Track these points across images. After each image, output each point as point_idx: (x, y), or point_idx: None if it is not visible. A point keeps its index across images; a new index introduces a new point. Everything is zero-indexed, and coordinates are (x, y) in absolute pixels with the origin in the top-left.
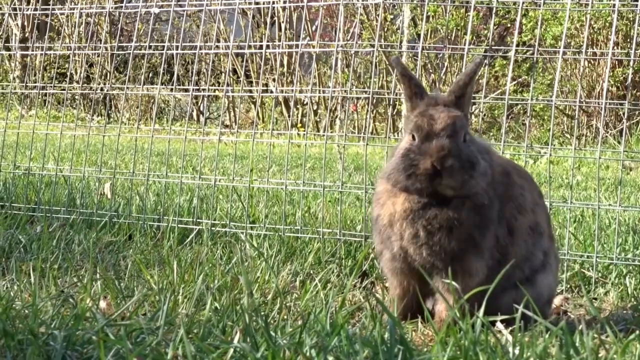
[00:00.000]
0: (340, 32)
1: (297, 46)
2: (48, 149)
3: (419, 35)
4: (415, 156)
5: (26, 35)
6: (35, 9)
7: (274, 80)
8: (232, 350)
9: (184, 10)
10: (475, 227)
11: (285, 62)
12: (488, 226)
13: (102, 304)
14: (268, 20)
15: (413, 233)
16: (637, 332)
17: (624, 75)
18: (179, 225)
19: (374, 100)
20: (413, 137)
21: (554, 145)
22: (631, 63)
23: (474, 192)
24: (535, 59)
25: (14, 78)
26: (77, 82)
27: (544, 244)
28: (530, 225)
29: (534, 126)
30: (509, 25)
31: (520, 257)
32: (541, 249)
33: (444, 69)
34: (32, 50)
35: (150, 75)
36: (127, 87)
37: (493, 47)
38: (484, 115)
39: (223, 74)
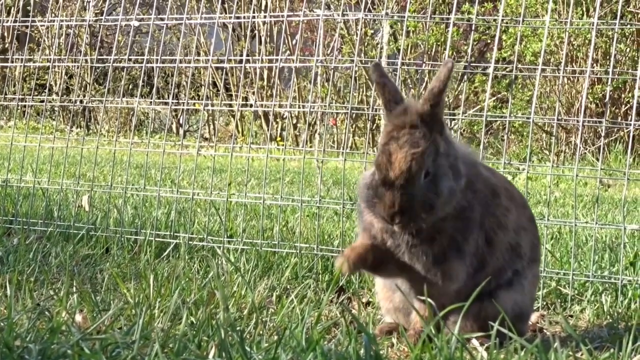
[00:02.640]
0: (319, 47)
1: (276, 60)
2: (26, 160)
3: (399, 50)
4: (374, 195)
5: (6, 46)
6: (15, 20)
7: (253, 93)
8: None
9: (164, 23)
10: (458, 231)
11: (265, 76)
12: (471, 229)
13: (78, 318)
14: (248, 33)
15: (395, 244)
16: (612, 350)
17: (602, 93)
18: (156, 239)
19: (353, 115)
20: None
21: (533, 162)
22: (609, 80)
23: (442, 217)
24: (514, 75)
25: None
26: (57, 94)
27: (517, 265)
28: (511, 243)
29: (513, 142)
30: (488, 41)
31: (495, 270)
32: (512, 268)
33: (424, 84)
34: (12, 62)
35: (130, 87)
36: (107, 99)
37: (473, 63)
38: (463, 130)
39: (203, 87)
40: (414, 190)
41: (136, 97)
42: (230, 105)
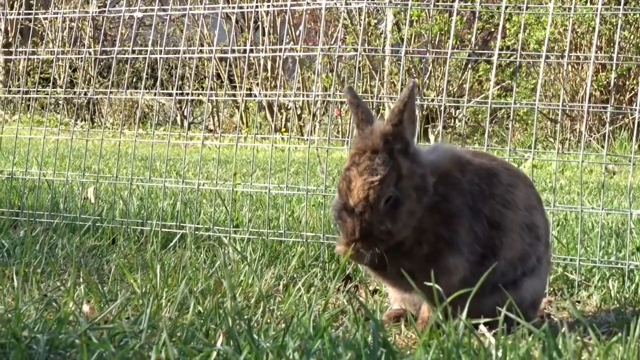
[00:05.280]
0: (321, 36)
1: (280, 50)
2: (31, 153)
3: (402, 40)
4: (338, 217)
5: (9, 40)
6: (19, 14)
7: (257, 84)
8: (215, 353)
9: (167, 15)
10: (439, 225)
11: (269, 67)
12: (456, 221)
13: (85, 308)
14: (252, 24)
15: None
16: (620, 334)
17: (607, 80)
18: (162, 230)
19: None
20: None
21: (538, 149)
22: (614, 66)
23: (404, 237)
24: (518, 63)
25: None
26: (61, 87)
27: (540, 250)
28: (526, 223)
29: (518, 130)
30: (492, 29)
31: (517, 254)
32: (536, 253)
33: (428, 73)
34: (16, 55)
35: (134, 80)
36: (111, 92)
37: (476, 52)
38: (468, 119)
39: (207, 79)
40: (372, 218)
41: (140, 89)
42: (235, 96)
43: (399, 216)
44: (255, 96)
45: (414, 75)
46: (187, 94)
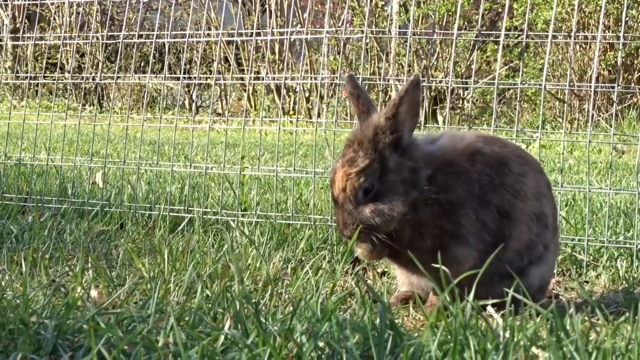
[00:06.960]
0: (327, 18)
1: (287, 33)
2: (39, 139)
3: (409, 21)
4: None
5: (17, 26)
6: None
7: (265, 67)
8: (222, 337)
9: None
10: (439, 217)
11: (276, 50)
12: (458, 211)
13: (94, 293)
14: (258, 7)
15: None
16: (628, 314)
17: (615, 59)
18: (170, 214)
19: (365, 87)
20: None
21: (546, 130)
22: (621, 46)
23: (390, 229)
24: (524, 43)
25: (5, 69)
26: (68, 72)
27: (547, 237)
28: (535, 212)
29: (527, 111)
30: (500, 10)
31: (523, 244)
32: (543, 242)
33: (435, 55)
34: (23, 41)
35: (142, 64)
36: (118, 77)
37: (483, 32)
38: (476, 100)
39: (214, 62)
40: (352, 209)
41: (148, 73)
42: (242, 80)
43: (381, 208)
44: (263, 79)
45: (422, 56)
46: (195, 77)
